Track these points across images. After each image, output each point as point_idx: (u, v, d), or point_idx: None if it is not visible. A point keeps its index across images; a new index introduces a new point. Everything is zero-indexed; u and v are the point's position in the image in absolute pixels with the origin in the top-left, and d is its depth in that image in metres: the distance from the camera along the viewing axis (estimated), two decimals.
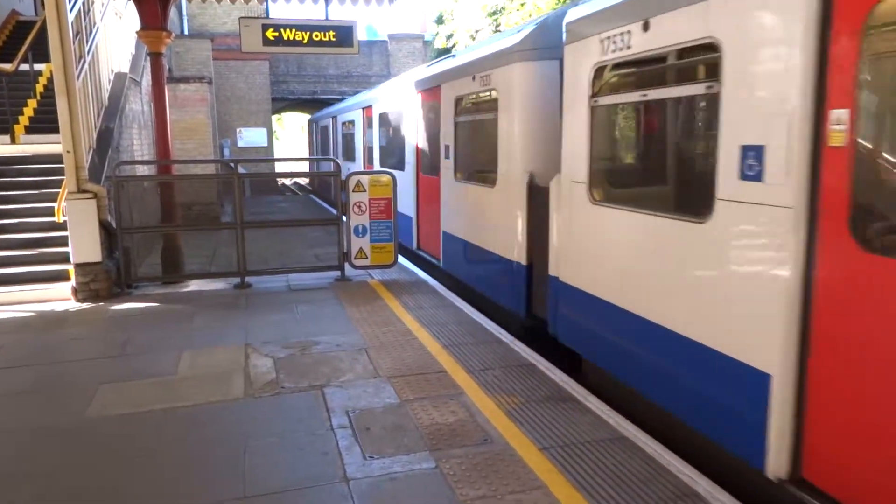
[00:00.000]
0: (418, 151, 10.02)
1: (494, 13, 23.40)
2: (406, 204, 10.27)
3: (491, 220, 7.04)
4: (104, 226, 7.74)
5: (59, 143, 7.63)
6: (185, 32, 23.43)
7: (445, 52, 27.19)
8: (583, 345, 5.32)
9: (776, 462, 3.28)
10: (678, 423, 4.04)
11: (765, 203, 3.27)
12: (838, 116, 2.95)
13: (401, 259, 9.19)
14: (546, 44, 6.11)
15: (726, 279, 3.57)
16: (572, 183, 5.19)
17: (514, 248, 6.46)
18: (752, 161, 3.35)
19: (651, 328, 4.22)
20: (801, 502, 3.18)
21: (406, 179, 10.35)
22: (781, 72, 3.15)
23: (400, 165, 10.91)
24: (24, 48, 11.07)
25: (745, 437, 3.46)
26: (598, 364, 5.07)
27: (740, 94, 3.42)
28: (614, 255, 4.69)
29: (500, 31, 21.16)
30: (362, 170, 13.43)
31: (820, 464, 3.15)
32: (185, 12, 23.97)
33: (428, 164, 9.58)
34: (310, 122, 17.69)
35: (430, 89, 9.25)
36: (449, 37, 25.73)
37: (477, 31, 24.01)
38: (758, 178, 3.31)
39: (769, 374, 3.27)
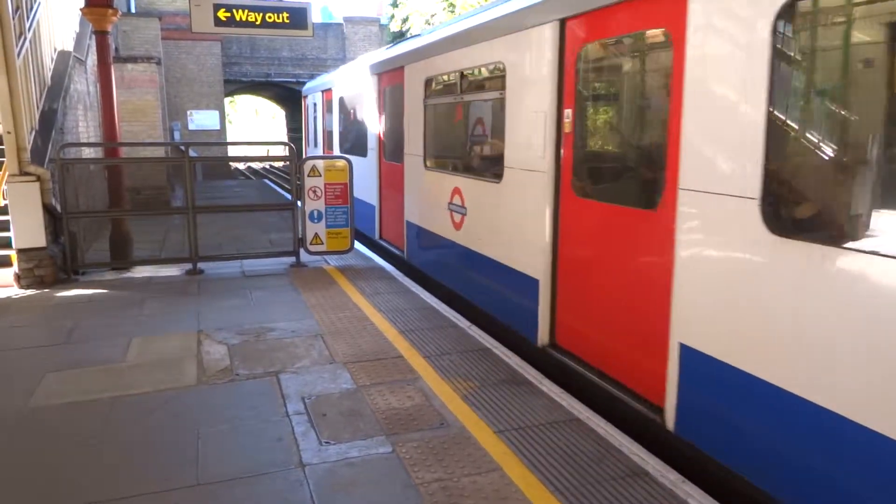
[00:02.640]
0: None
1: None
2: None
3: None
4: (48, 210, 7.48)
5: None
6: (132, 10, 22.69)
7: (401, 35, 26.99)
8: None
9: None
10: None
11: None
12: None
13: (357, 245, 9.14)
14: None
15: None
16: None
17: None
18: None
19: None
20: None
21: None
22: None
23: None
24: None
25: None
26: None
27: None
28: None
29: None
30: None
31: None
32: None
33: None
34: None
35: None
36: (405, 20, 25.54)
37: (433, 16, 23.87)
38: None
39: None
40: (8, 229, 7.44)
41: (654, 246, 3.94)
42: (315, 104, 14.45)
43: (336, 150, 12.38)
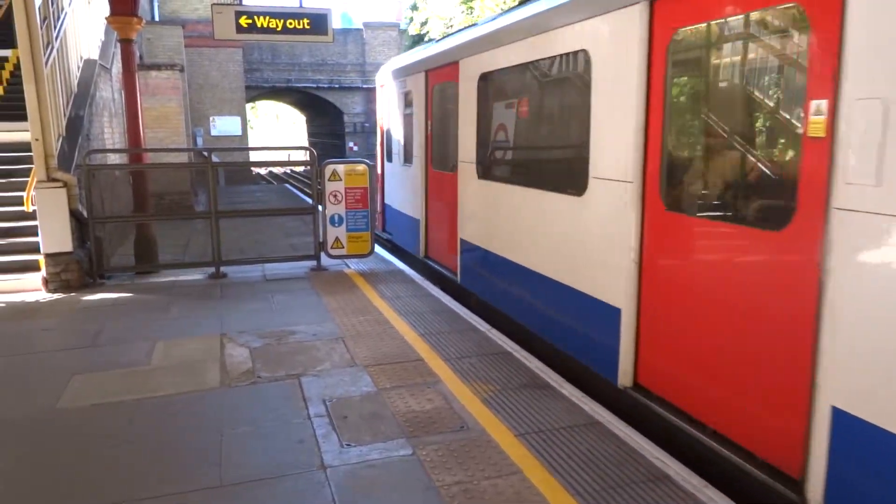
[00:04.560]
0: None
1: (468, 0, 23.35)
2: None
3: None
4: (75, 215, 7.61)
5: (27, 130, 7.48)
6: (156, 18, 23.05)
7: (420, 39, 27.09)
8: None
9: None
10: None
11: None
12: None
13: (378, 249, 9.17)
14: None
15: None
16: None
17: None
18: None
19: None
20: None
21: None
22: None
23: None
24: None
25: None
26: None
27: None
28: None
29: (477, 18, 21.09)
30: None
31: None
32: None
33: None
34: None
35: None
36: (423, 24, 25.63)
37: (451, 19, 23.94)
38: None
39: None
40: (36, 234, 7.58)
41: (785, 277, 3.21)
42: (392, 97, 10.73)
43: (387, 158, 10.85)
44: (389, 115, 10.52)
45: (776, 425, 3.30)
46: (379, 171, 11.12)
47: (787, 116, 3.40)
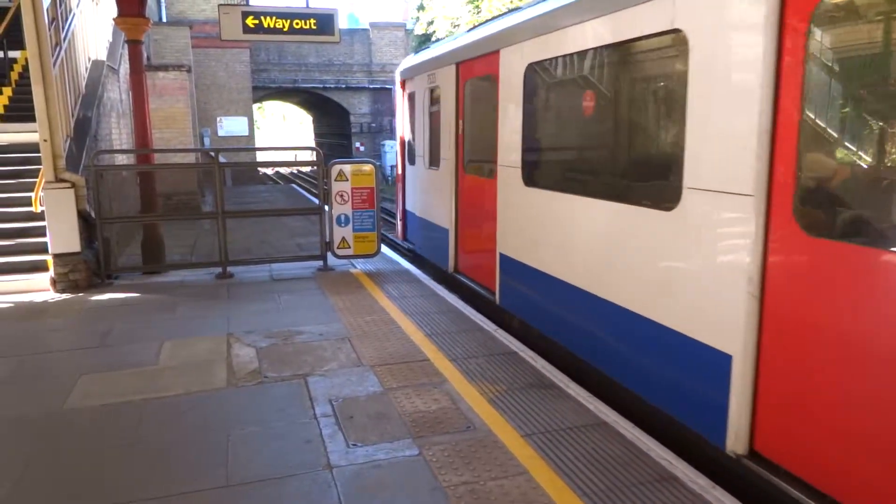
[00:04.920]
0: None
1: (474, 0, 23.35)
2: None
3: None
4: (83, 216, 7.65)
5: (35, 131, 7.52)
6: (164, 20, 23.12)
7: (427, 38, 27.08)
8: None
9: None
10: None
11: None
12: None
13: (384, 249, 9.18)
14: None
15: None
16: None
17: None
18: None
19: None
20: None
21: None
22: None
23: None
24: None
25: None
26: None
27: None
28: None
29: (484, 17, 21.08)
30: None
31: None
32: None
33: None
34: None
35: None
36: (430, 23, 25.63)
37: (458, 19, 23.93)
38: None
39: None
40: (44, 235, 7.62)
41: None
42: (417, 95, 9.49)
43: (408, 160, 9.84)
44: (412, 114, 9.53)
45: None
46: (399, 173, 10.37)
47: None
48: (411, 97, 9.52)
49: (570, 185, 5.28)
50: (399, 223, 10.37)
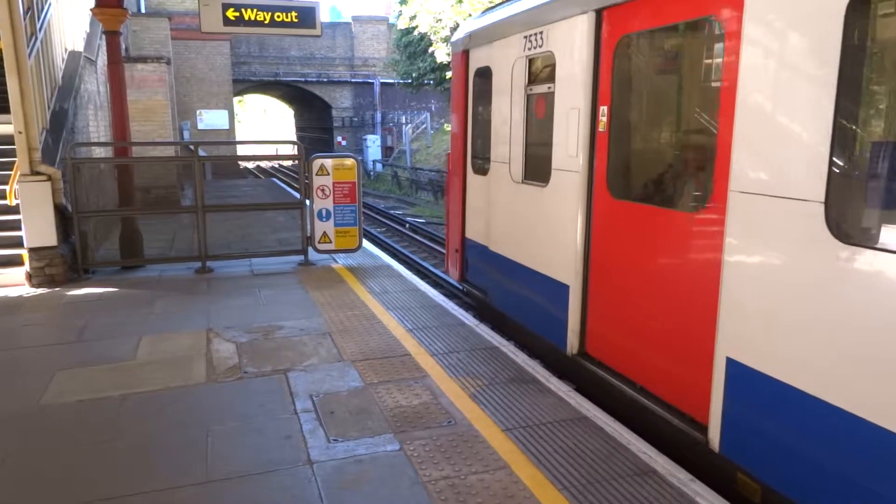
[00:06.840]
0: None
1: None
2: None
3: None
4: (59, 209, 7.53)
5: (10, 123, 7.39)
6: (142, 10, 22.78)
7: (409, 32, 26.95)
8: None
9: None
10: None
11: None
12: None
13: (365, 243, 9.15)
14: None
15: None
16: None
17: None
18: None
19: None
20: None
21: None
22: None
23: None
24: None
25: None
26: None
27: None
28: None
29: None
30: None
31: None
32: None
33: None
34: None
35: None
36: (412, 17, 25.52)
37: (440, 13, 23.85)
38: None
39: None
40: (19, 228, 7.50)
41: None
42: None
43: (473, 167, 6.95)
44: (483, 99, 6.58)
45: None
46: (452, 185, 7.48)
47: None
48: (482, 74, 6.51)
49: None
50: (452, 256, 7.51)
